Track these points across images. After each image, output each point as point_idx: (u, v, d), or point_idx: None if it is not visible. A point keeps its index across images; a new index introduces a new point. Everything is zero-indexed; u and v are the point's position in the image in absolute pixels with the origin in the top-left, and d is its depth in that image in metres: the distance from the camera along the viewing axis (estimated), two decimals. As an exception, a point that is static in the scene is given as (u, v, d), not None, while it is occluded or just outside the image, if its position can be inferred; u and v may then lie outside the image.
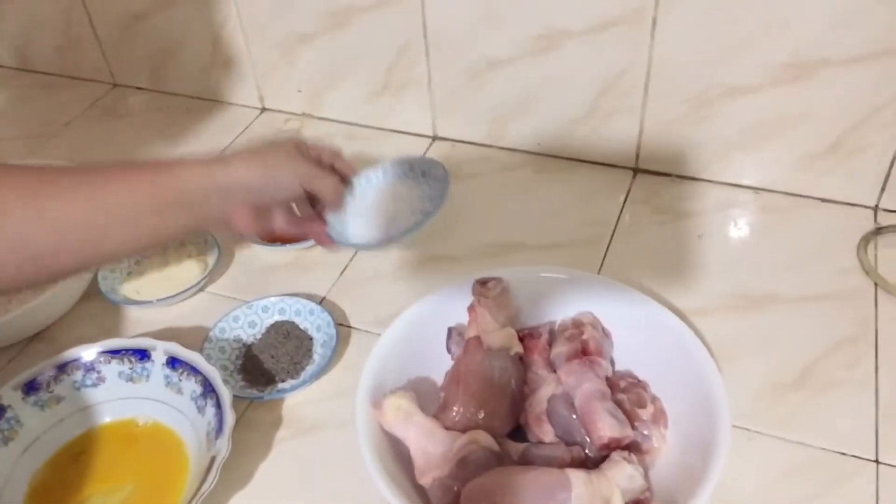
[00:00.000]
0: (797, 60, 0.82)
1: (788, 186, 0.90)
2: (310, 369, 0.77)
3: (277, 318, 0.81)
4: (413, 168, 0.77)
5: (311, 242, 0.89)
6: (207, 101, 1.16)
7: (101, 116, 1.17)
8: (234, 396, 0.70)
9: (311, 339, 0.80)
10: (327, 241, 0.73)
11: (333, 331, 0.78)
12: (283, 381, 0.76)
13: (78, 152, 1.07)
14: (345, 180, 0.73)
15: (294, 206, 0.72)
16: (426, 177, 0.76)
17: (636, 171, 0.96)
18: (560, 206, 0.93)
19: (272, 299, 0.81)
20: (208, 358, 0.74)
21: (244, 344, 0.80)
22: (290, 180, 0.68)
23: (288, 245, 0.88)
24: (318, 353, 0.78)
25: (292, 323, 0.80)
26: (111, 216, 0.61)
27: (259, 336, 0.80)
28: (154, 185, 0.63)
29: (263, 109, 1.13)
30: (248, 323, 0.80)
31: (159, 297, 0.84)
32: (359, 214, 0.76)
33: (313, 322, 0.80)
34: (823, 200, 0.90)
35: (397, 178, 0.78)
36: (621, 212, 0.91)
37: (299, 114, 1.11)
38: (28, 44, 1.24)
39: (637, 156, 0.95)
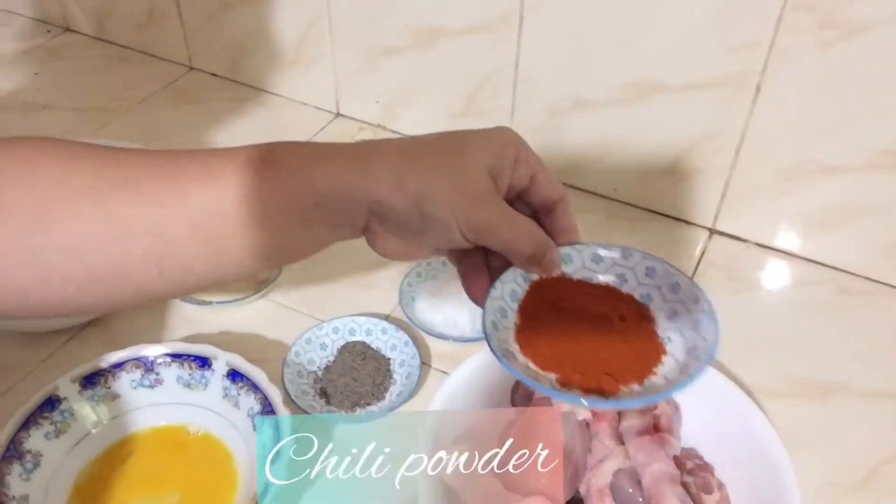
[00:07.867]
0: (900, 148, 0.79)
1: (870, 272, 0.88)
2: (394, 390, 0.76)
3: (348, 338, 0.79)
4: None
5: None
6: (282, 99, 1.15)
7: (174, 99, 1.16)
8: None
9: (388, 359, 0.78)
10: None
11: (414, 349, 0.77)
12: (368, 403, 0.75)
13: (148, 133, 1.06)
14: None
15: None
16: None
17: (713, 231, 0.94)
18: (630, 257, 0.91)
19: (344, 319, 0.80)
20: (290, 384, 0.73)
21: (318, 367, 0.78)
22: (451, 230, 0.47)
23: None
24: (398, 372, 0.77)
25: (364, 343, 0.79)
26: (227, 223, 0.47)
27: (332, 359, 0.78)
28: (290, 184, 0.47)
29: (338, 115, 1.12)
30: (319, 345, 0.79)
31: (219, 298, 0.83)
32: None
33: (386, 341, 0.79)
34: (904, 292, 0.87)
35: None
36: (694, 273, 0.89)
37: (374, 124, 1.09)
38: (109, 13, 1.23)
39: (716, 217, 0.93)
